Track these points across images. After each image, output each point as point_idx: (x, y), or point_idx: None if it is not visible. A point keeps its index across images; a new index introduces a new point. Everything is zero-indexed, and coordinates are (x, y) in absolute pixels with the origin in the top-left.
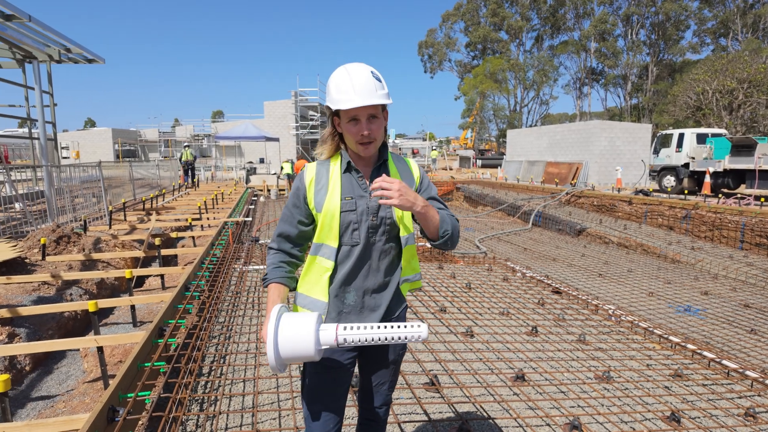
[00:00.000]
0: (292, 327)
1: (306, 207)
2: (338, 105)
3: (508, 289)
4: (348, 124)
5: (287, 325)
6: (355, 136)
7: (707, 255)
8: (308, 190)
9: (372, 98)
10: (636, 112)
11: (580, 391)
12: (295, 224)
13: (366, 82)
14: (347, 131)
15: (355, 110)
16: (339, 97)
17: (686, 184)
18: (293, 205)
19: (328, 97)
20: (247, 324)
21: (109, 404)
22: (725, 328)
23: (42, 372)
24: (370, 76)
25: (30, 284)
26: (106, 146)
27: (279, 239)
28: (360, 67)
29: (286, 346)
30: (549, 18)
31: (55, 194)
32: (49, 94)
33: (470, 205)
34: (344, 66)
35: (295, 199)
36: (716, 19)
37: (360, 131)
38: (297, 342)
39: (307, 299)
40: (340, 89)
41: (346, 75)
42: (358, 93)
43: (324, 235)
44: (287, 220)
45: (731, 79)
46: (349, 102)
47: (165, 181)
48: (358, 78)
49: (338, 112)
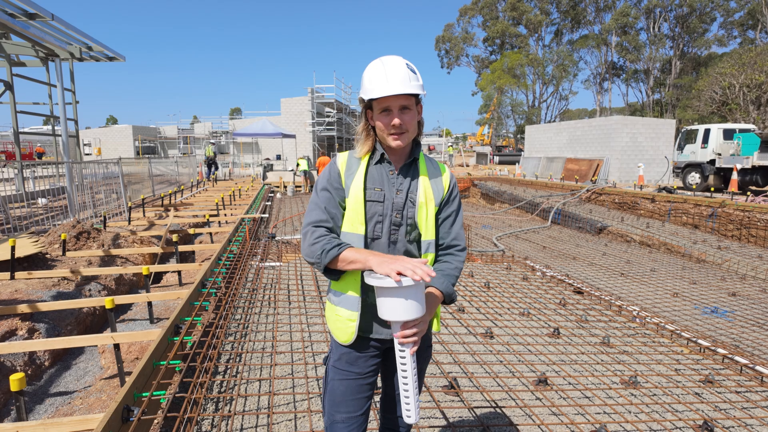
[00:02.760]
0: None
1: (342, 189)
2: (370, 94)
3: (528, 289)
4: (380, 115)
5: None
6: (386, 126)
7: (735, 255)
8: (342, 172)
9: (405, 87)
10: (658, 107)
11: (606, 396)
12: (335, 205)
13: (400, 73)
14: (379, 122)
15: (386, 99)
16: (371, 86)
17: (712, 181)
18: (329, 188)
19: (362, 89)
20: (263, 322)
21: (123, 404)
22: (755, 331)
23: (60, 367)
24: (404, 68)
25: (50, 279)
26: (127, 143)
27: (316, 228)
28: (395, 58)
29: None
30: (569, 12)
31: (76, 190)
32: (71, 91)
33: (487, 202)
34: (380, 58)
35: (331, 180)
36: (743, 9)
37: (391, 121)
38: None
39: (341, 296)
40: (373, 80)
41: (381, 66)
42: (390, 82)
43: (351, 223)
44: (325, 202)
45: (760, 72)
46: (381, 90)
47: (183, 178)
48: (391, 68)
49: (371, 104)
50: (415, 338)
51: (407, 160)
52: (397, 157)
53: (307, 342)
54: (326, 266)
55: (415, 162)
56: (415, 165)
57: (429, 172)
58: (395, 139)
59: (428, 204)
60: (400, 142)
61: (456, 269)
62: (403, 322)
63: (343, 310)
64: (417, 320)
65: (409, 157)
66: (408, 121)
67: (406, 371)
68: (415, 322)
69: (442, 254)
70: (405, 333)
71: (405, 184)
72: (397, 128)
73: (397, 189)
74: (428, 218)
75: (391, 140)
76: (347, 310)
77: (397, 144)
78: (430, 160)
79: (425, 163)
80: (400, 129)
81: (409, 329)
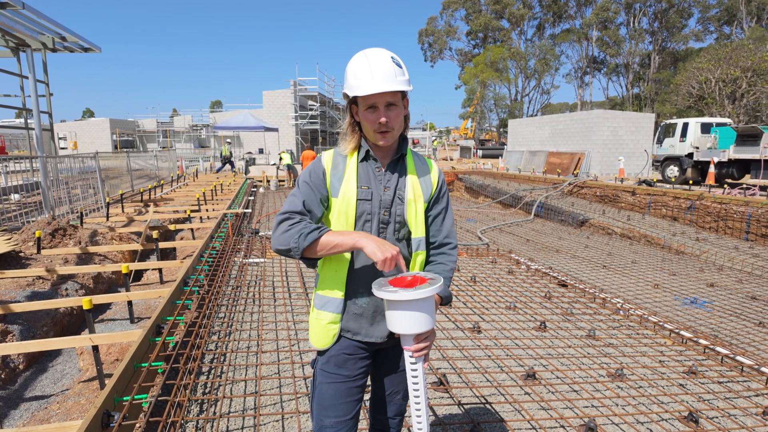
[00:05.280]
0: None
1: (324, 188)
2: (355, 91)
3: (514, 282)
4: (366, 112)
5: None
6: (372, 124)
7: (712, 246)
8: (327, 171)
9: (390, 84)
10: (638, 101)
11: (593, 390)
12: (316, 202)
13: (385, 68)
14: (365, 119)
15: (372, 97)
16: (356, 83)
17: (690, 174)
18: (310, 183)
19: (346, 83)
20: (248, 320)
21: (103, 408)
22: (733, 320)
23: (36, 370)
24: (390, 62)
25: (24, 279)
26: (104, 137)
27: (291, 215)
28: (380, 52)
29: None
30: (551, 6)
31: (51, 186)
32: (45, 83)
33: (471, 195)
34: (363, 51)
35: (313, 177)
36: (720, 6)
37: (377, 119)
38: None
39: (324, 298)
40: (357, 75)
41: (365, 60)
42: (375, 79)
43: (339, 225)
44: (305, 193)
45: (735, 67)
46: (367, 88)
47: (163, 172)
48: (377, 63)
49: (356, 100)
50: (427, 351)
51: (394, 156)
52: (383, 154)
53: (294, 340)
54: (304, 253)
55: (403, 158)
56: (403, 161)
57: (417, 168)
58: (383, 137)
59: (417, 201)
60: (386, 140)
61: (451, 270)
62: (415, 335)
63: (325, 313)
64: (429, 332)
65: (396, 153)
66: (394, 118)
67: (417, 385)
68: (427, 333)
69: (435, 253)
70: (419, 346)
71: (392, 181)
72: (384, 126)
73: (384, 186)
74: (417, 215)
75: (379, 139)
76: (330, 313)
77: (383, 142)
78: (418, 156)
79: (412, 159)
80: (387, 127)
81: (422, 342)
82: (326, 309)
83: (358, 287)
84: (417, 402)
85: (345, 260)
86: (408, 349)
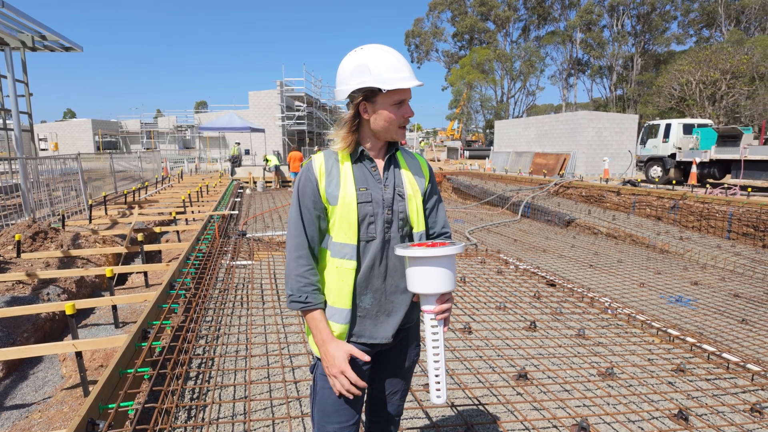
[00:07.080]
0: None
1: (321, 202)
2: (394, 84)
3: (503, 282)
4: (392, 107)
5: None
6: (399, 119)
7: (695, 245)
8: (320, 181)
9: (416, 78)
10: (621, 102)
11: (585, 389)
12: (316, 225)
13: (407, 63)
14: (389, 114)
15: (406, 91)
16: (392, 76)
17: (673, 174)
18: (307, 204)
19: (367, 76)
20: (236, 324)
21: (88, 417)
22: (717, 318)
23: (17, 378)
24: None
25: (3, 284)
26: (86, 138)
27: (298, 258)
28: (390, 48)
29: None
30: (536, 8)
31: (31, 187)
32: (24, 83)
33: (459, 196)
34: (375, 45)
35: (308, 195)
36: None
37: (404, 114)
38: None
39: (330, 309)
40: (390, 68)
41: (390, 54)
42: (410, 72)
43: (342, 232)
44: (307, 221)
45: (714, 70)
46: (407, 81)
47: (147, 174)
48: (401, 58)
49: (372, 96)
50: (449, 314)
51: (387, 153)
52: (376, 152)
53: (284, 344)
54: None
55: (395, 155)
56: (395, 158)
57: (408, 163)
58: (403, 132)
59: (416, 195)
60: (404, 137)
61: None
62: (439, 295)
63: (333, 324)
64: (451, 293)
65: (389, 151)
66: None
67: (438, 349)
68: (450, 294)
69: None
70: (442, 308)
71: (390, 179)
72: (408, 121)
73: (383, 185)
74: (418, 210)
75: (399, 134)
76: (338, 324)
77: (403, 138)
78: (406, 151)
79: (402, 155)
80: (408, 122)
81: (445, 303)
82: (334, 320)
83: (362, 292)
84: (437, 368)
85: (350, 272)
86: (431, 311)
